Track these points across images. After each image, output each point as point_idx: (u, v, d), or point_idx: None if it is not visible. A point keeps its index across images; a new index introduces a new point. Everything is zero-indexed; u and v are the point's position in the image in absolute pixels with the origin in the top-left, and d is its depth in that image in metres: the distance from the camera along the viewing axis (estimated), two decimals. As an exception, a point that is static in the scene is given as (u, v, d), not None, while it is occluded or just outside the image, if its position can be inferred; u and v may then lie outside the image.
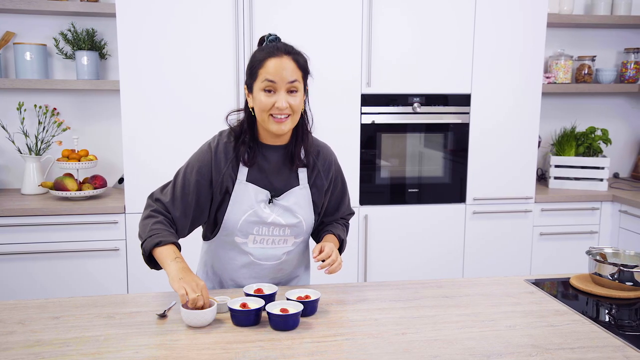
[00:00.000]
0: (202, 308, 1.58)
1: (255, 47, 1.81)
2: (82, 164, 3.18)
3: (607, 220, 3.53)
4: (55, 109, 3.41)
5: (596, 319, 1.69)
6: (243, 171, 1.80)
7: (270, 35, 1.77)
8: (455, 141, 3.31)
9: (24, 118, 3.35)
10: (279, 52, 1.71)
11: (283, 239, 1.85)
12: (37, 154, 3.32)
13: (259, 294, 1.69)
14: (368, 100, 3.18)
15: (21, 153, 3.33)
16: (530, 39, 3.29)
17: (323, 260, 1.77)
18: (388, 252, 3.30)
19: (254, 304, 1.61)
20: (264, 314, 1.61)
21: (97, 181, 3.22)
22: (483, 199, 3.36)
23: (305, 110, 1.82)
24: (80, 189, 3.14)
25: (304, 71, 1.76)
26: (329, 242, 1.83)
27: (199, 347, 1.45)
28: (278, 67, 1.69)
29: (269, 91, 1.70)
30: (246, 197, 1.79)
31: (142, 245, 1.74)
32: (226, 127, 1.86)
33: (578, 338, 1.53)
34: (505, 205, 3.39)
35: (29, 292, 2.97)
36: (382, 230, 3.28)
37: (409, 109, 3.23)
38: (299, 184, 1.85)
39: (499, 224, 3.39)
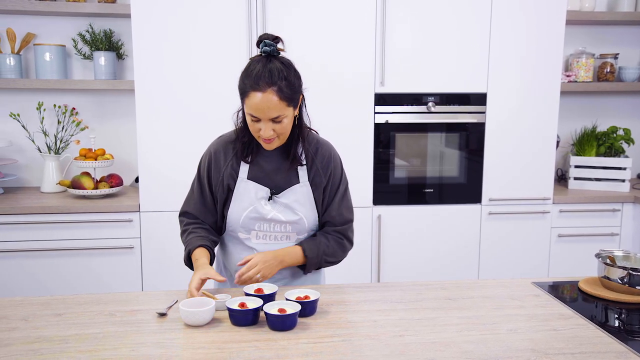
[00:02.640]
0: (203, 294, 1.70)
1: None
2: (98, 163, 3.22)
3: (628, 222, 3.44)
4: (74, 108, 3.47)
5: (603, 324, 1.65)
6: (244, 169, 1.87)
7: (265, 44, 1.73)
8: (471, 141, 3.27)
9: (43, 117, 3.41)
10: (262, 85, 1.68)
11: (285, 235, 1.88)
12: (56, 152, 3.38)
13: (258, 294, 1.69)
14: (382, 99, 3.16)
15: (41, 152, 3.39)
16: (549, 37, 3.23)
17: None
18: (402, 253, 3.28)
19: (253, 303, 1.61)
20: (262, 314, 1.61)
21: (113, 180, 3.26)
22: (499, 200, 3.31)
23: (300, 115, 1.84)
24: (96, 188, 3.18)
25: (290, 99, 1.72)
26: (262, 257, 1.79)
27: (194, 346, 1.46)
28: (260, 105, 1.69)
29: (255, 121, 1.74)
30: (247, 194, 1.86)
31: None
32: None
33: (580, 343, 1.49)
34: (522, 206, 3.34)
35: (43, 289, 3.02)
36: (396, 230, 3.26)
37: (423, 108, 3.20)
38: (299, 182, 1.88)
39: (516, 225, 3.34)
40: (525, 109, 3.27)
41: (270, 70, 1.69)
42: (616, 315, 1.76)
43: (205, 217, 1.94)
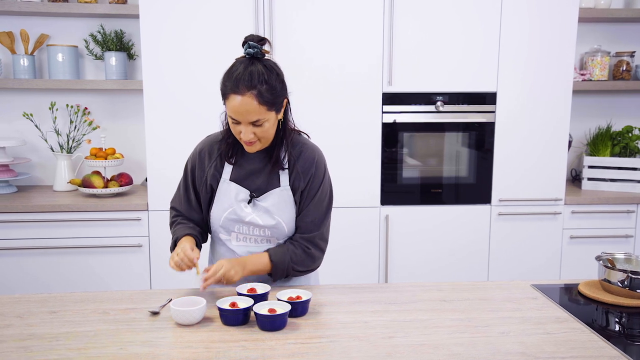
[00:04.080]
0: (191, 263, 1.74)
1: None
2: (108, 162, 3.26)
3: (643, 223, 3.38)
4: (86, 108, 3.51)
5: (604, 328, 1.62)
6: (227, 170, 1.87)
7: (249, 46, 1.71)
8: (480, 140, 3.23)
9: (55, 117, 3.46)
10: (242, 88, 1.66)
11: (266, 238, 1.87)
12: (69, 152, 3.43)
13: (251, 294, 1.70)
14: (390, 99, 3.14)
15: (53, 151, 3.44)
16: (561, 35, 3.18)
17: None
18: (410, 253, 3.25)
19: (244, 303, 1.61)
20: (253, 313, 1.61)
21: (123, 179, 3.30)
22: (509, 200, 3.26)
23: (285, 118, 1.83)
24: (106, 187, 3.22)
25: (270, 104, 1.70)
26: (227, 262, 1.76)
27: (182, 345, 1.46)
28: (239, 108, 1.68)
29: (235, 123, 1.74)
30: (227, 196, 1.86)
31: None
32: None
33: (573, 347, 1.46)
34: (532, 207, 3.29)
35: (53, 285, 3.07)
36: (404, 230, 3.23)
37: (432, 107, 3.17)
38: (280, 185, 1.86)
39: (526, 226, 3.29)
40: (536, 108, 3.22)
41: (251, 73, 1.66)
42: (616, 319, 1.73)
43: (191, 215, 1.94)
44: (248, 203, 1.85)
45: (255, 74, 1.67)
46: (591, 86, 3.59)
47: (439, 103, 3.16)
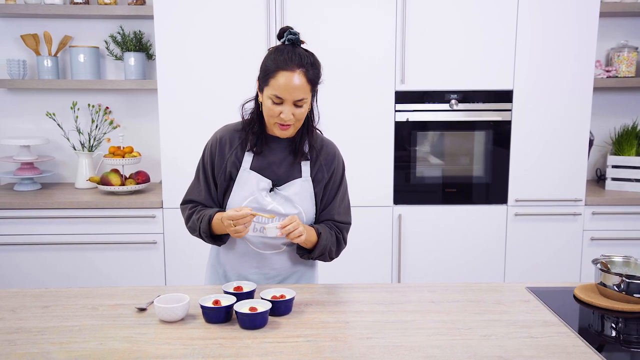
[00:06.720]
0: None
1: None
2: (126, 160, 3.33)
3: (669, 225, 3.25)
4: (107, 107, 3.59)
5: (594, 333, 1.58)
6: (247, 159, 1.89)
7: (290, 32, 1.78)
8: (496, 139, 3.17)
9: (77, 117, 3.55)
10: (292, 65, 1.72)
11: None
12: (90, 150, 3.51)
13: (237, 292, 1.71)
14: (402, 97, 3.11)
15: (75, 150, 3.53)
16: (581, 30, 3.08)
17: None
18: (423, 253, 3.21)
19: (227, 301, 1.62)
20: (236, 311, 1.62)
21: (140, 177, 3.36)
22: (526, 201, 3.19)
23: (311, 109, 1.86)
24: (123, 184, 3.29)
25: (313, 84, 1.78)
26: (299, 219, 1.80)
27: (160, 342, 1.48)
28: (288, 85, 1.72)
29: (277, 103, 1.76)
30: (248, 184, 1.87)
31: (202, 237, 1.90)
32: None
33: (553, 352, 1.42)
34: (551, 208, 3.20)
35: (68, 280, 3.15)
36: (418, 230, 3.20)
37: (445, 106, 3.12)
38: (301, 176, 1.89)
39: (544, 227, 3.21)
40: (554, 106, 3.14)
41: (300, 54, 1.75)
42: (612, 325, 1.67)
43: (211, 205, 1.94)
44: (269, 192, 1.86)
45: (304, 55, 1.76)
46: (616, 83, 3.47)
47: (453, 101, 3.11)
